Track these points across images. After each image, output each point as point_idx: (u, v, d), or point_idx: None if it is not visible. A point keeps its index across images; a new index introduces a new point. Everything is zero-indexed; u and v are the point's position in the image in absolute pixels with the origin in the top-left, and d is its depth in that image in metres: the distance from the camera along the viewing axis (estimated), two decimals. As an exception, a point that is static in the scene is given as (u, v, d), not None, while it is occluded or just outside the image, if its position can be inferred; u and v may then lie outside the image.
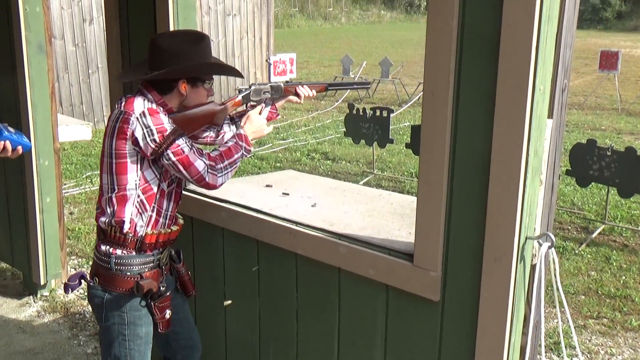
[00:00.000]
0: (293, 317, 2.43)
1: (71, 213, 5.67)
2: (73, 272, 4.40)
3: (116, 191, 2.15)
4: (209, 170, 2.16)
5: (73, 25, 8.99)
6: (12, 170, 3.94)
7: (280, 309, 2.48)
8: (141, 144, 2.09)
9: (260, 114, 2.42)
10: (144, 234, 2.19)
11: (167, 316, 2.27)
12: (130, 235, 2.17)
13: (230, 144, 2.26)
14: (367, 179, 7.11)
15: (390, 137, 6.69)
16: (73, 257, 4.64)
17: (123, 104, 2.15)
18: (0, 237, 4.24)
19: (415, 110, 11.69)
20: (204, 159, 2.15)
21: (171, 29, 2.69)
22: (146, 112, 2.10)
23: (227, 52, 11.04)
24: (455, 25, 1.74)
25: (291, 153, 8.30)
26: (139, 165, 2.15)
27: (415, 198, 1.95)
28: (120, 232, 2.17)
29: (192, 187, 2.82)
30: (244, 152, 2.28)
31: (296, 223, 2.37)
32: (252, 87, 2.49)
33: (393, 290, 2.04)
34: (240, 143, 2.27)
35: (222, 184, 2.21)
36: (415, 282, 1.94)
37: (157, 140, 2.09)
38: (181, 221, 2.38)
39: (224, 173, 2.20)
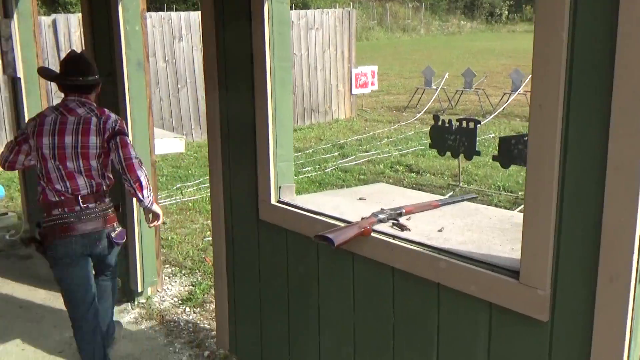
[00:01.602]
0: (389, 332, 2.40)
1: (164, 223, 5.86)
2: (167, 280, 4.54)
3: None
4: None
5: (164, 43, 9.34)
6: (112, 182, 4.12)
7: (376, 324, 2.46)
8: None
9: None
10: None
11: None
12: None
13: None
14: (453, 192, 6.99)
15: (477, 149, 6.55)
16: (167, 266, 4.79)
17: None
18: (100, 246, 4.43)
19: (500, 121, 11.43)
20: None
21: (267, 44, 2.74)
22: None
23: (309, 66, 11.16)
24: (566, 36, 1.68)
25: (374, 165, 8.28)
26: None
27: (514, 213, 1.89)
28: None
29: (286, 199, 2.86)
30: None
31: (393, 237, 2.35)
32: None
33: (496, 308, 1.98)
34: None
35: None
36: (521, 300, 1.88)
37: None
38: None
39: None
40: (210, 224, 5.82)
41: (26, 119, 4.77)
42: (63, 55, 8.63)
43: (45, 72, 3.45)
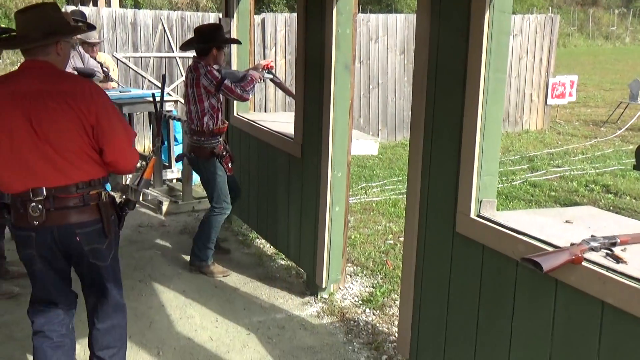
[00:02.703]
0: (592, 370, 2.23)
1: (348, 221, 5.98)
2: (348, 278, 4.63)
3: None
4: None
5: (360, 44, 9.53)
6: (309, 179, 4.27)
7: (576, 358, 2.29)
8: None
9: None
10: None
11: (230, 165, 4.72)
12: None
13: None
14: (658, 220, 6.35)
15: (692, 176, 5.89)
16: (349, 265, 4.88)
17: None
18: (291, 237, 4.63)
19: None
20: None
21: (484, 53, 2.65)
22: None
23: (503, 73, 10.75)
24: None
25: (567, 182, 7.79)
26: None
27: None
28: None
29: (487, 214, 2.76)
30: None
31: (607, 268, 2.17)
32: None
33: None
34: None
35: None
36: None
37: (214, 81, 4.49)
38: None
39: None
40: (392, 227, 5.86)
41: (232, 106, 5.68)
42: (268, 52, 9.16)
43: (184, 46, 4.79)
